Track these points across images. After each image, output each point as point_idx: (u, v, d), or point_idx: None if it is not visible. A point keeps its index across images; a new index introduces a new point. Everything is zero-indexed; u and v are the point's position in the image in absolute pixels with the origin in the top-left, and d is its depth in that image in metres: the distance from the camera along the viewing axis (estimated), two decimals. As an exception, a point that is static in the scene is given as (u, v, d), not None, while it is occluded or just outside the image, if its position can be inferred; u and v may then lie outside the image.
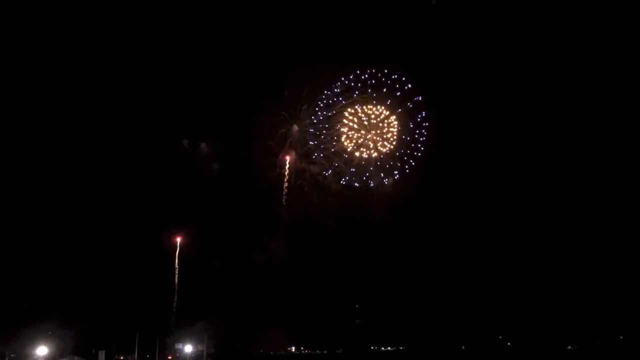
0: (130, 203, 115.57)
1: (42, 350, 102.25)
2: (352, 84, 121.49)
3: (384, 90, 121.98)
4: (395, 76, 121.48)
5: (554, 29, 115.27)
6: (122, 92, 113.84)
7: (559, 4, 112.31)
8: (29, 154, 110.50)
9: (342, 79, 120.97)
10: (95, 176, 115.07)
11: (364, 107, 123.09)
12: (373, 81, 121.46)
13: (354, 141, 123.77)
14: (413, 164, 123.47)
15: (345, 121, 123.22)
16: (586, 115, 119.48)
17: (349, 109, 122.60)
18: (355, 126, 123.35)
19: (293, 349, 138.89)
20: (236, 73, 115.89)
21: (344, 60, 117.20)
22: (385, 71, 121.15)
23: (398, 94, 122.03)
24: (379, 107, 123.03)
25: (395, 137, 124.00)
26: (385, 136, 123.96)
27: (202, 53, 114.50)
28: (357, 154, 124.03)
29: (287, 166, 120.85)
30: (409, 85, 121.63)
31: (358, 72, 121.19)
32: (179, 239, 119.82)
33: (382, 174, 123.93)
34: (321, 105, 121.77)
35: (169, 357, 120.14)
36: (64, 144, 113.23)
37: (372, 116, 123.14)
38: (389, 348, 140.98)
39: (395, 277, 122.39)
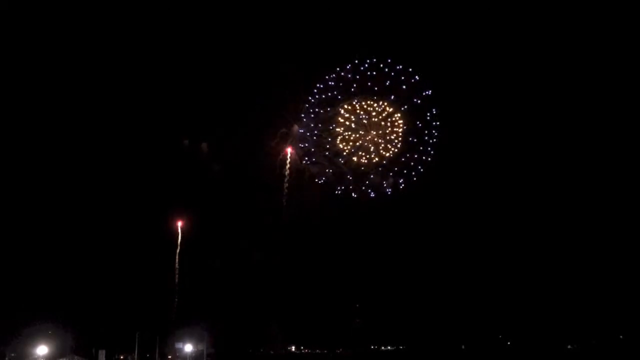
0: (129, 204, 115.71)
1: (42, 349, 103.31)
2: (350, 76, 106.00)
3: (387, 83, 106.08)
4: (400, 67, 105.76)
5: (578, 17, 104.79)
6: (123, 94, 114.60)
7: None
8: (31, 156, 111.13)
9: (338, 69, 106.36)
10: (95, 177, 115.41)
11: (363, 103, 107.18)
12: (374, 72, 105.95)
13: (351, 143, 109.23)
14: (421, 170, 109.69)
15: (340, 120, 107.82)
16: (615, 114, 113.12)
17: (345, 106, 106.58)
18: (353, 126, 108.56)
19: (293, 348, 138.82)
20: (237, 73, 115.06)
21: (344, 52, 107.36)
22: (389, 61, 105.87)
23: (404, 87, 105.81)
24: (380, 103, 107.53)
25: (400, 139, 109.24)
26: (388, 137, 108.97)
27: (202, 53, 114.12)
28: (354, 158, 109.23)
29: (288, 166, 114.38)
30: (417, 78, 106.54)
31: (356, 61, 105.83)
32: (179, 238, 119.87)
33: (384, 183, 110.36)
34: (313, 101, 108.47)
35: (169, 357, 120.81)
36: (64, 144, 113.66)
37: (373, 114, 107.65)
38: (389, 347, 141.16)
39: (396, 277, 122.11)
